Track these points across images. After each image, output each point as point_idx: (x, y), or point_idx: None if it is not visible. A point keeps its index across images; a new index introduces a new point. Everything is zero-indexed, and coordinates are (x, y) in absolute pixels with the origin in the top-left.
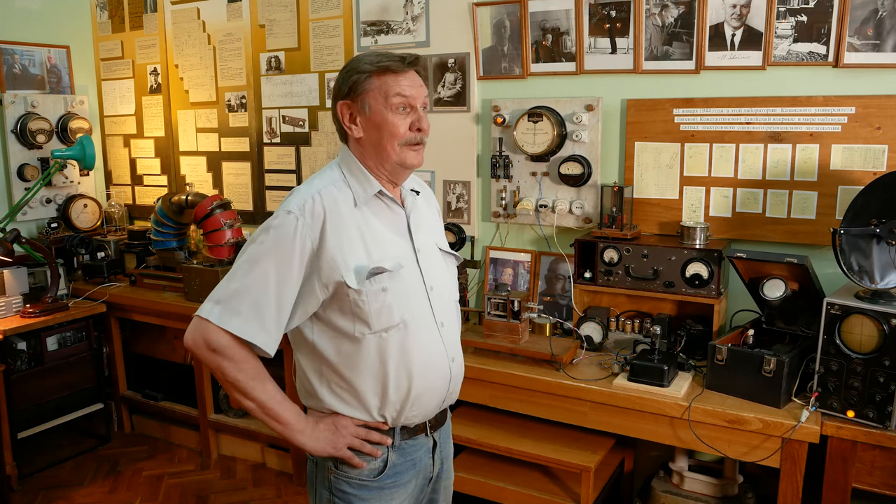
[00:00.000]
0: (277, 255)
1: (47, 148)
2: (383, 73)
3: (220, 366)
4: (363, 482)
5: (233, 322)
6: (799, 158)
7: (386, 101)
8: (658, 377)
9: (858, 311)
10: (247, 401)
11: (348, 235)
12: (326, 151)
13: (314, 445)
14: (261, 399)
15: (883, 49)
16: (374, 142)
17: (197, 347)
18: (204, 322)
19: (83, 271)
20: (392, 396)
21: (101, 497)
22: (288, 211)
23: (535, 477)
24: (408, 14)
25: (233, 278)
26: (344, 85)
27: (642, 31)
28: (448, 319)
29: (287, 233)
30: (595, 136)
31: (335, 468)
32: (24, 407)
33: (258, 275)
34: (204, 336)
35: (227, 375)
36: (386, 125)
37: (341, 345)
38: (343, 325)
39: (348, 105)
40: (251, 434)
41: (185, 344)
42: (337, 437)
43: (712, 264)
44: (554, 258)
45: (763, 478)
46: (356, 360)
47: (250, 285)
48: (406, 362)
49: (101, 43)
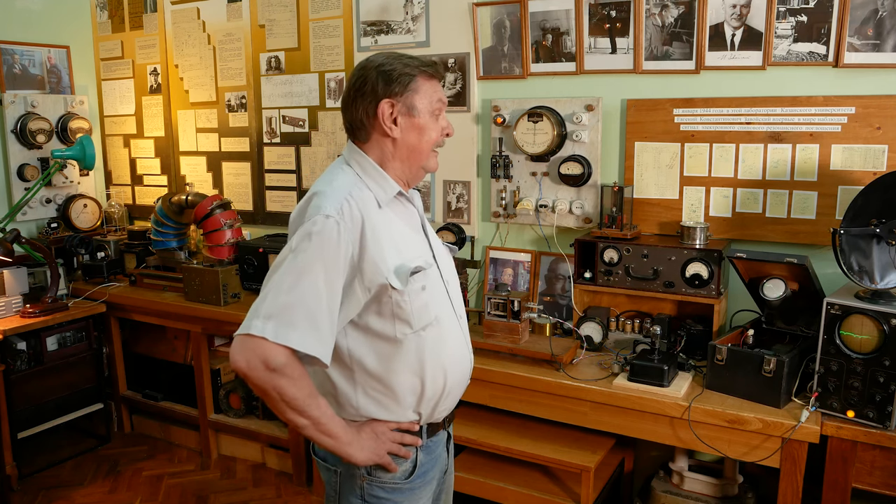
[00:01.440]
0: (324, 262)
1: (47, 148)
2: (429, 77)
3: (278, 385)
4: (396, 485)
5: (291, 336)
6: (799, 158)
7: (430, 104)
8: (658, 377)
9: (858, 311)
10: (301, 419)
11: (383, 237)
12: (326, 151)
13: (360, 456)
14: (315, 416)
15: (883, 49)
16: (411, 144)
17: (252, 369)
18: (258, 340)
19: (83, 271)
20: (429, 393)
21: (101, 497)
22: (327, 215)
23: (535, 477)
24: (408, 14)
25: (279, 291)
26: (392, 83)
27: (642, 31)
28: (462, 312)
29: (330, 238)
30: (595, 136)
31: (368, 475)
32: (24, 407)
33: (308, 284)
34: (262, 356)
35: (284, 394)
36: (428, 129)
37: (380, 348)
38: (381, 327)
39: (391, 104)
40: (251, 434)
41: (236, 367)
42: (379, 444)
43: (712, 264)
44: (554, 258)
45: (763, 478)
46: (395, 362)
47: (301, 296)
48: (441, 358)
49: (101, 43)
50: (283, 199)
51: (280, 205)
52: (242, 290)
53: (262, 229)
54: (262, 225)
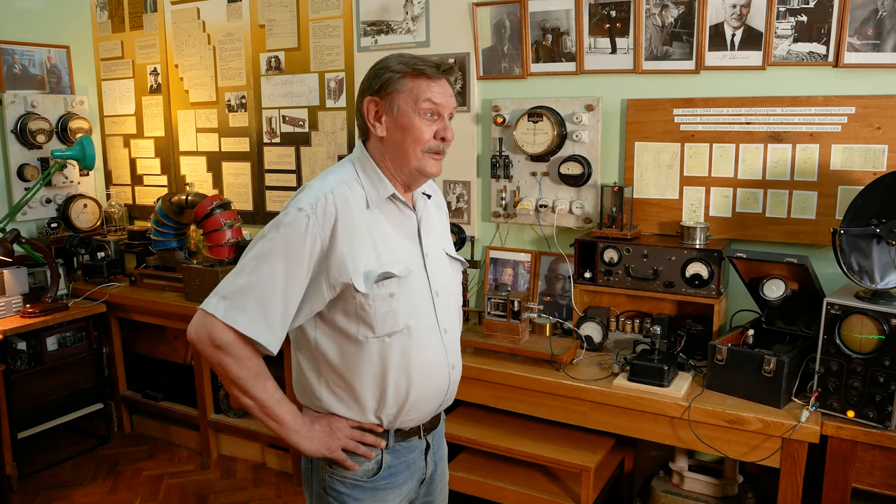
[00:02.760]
0: (287, 253)
1: (47, 148)
2: (417, 76)
3: (223, 362)
4: (357, 482)
5: (238, 319)
6: (799, 158)
7: (415, 104)
8: (658, 377)
9: (858, 311)
10: (246, 398)
11: (359, 237)
12: (326, 151)
13: (309, 446)
14: (260, 398)
15: (883, 49)
16: (396, 143)
17: (200, 342)
18: (209, 317)
19: (83, 271)
20: (390, 400)
21: (101, 497)
22: (299, 208)
23: (535, 477)
24: (408, 14)
25: (240, 274)
26: (374, 81)
27: (642, 31)
28: (451, 326)
29: (298, 231)
30: (595, 136)
31: (329, 467)
32: (24, 407)
33: (266, 272)
34: (208, 332)
35: (228, 372)
36: (412, 128)
37: (343, 346)
38: (346, 326)
39: (375, 102)
40: (251, 434)
41: (189, 337)
42: (332, 438)
43: (712, 264)
44: (554, 258)
45: (763, 478)
46: (357, 362)
47: (258, 282)
48: (406, 368)
49: (101, 43)
50: (283, 199)
51: (280, 205)
52: None
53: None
54: (262, 225)
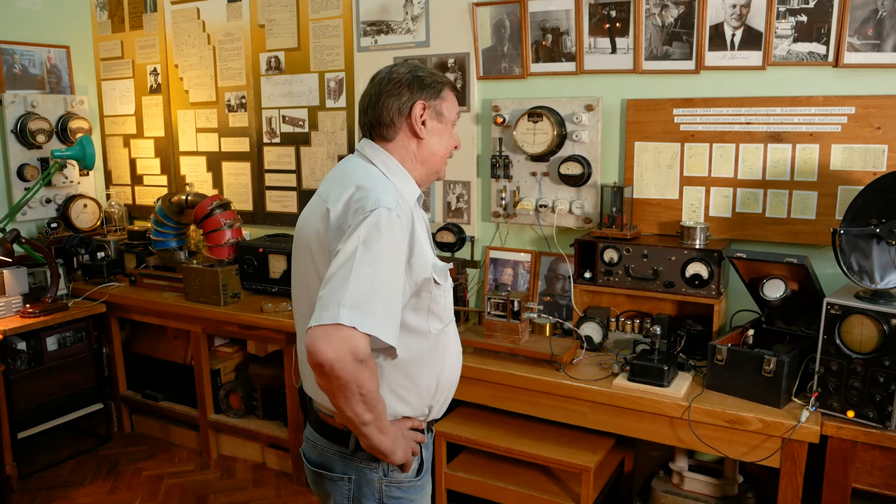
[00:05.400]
0: (394, 253)
1: (47, 148)
2: (453, 89)
3: (360, 377)
4: (412, 483)
5: (374, 326)
6: (799, 158)
7: (453, 115)
8: (658, 377)
9: (858, 311)
10: (368, 413)
11: (422, 233)
12: (326, 151)
13: (399, 455)
14: (379, 409)
15: (883, 49)
16: (433, 147)
17: (340, 360)
18: (347, 330)
19: (83, 271)
20: (442, 385)
21: (101, 497)
22: (389, 209)
23: (535, 477)
24: (408, 14)
25: (359, 281)
26: (426, 88)
27: (642, 31)
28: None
29: (395, 231)
30: (595, 136)
31: (385, 477)
32: (24, 407)
33: (384, 274)
34: (352, 346)
35: (363, 387)
36: (449, 136)
37: (410, 342)
38: (416, 322)
39: (424, 105)
40: (251, 434)
41: (325, 358)
42: (408, 441)
43: (712, 264)
44: (554, 258)
45: (763, 478)
46: (423, 357)
47: (381, 286)
48: (453, 354)
49: (101, 43)
50: (283, 199)
51: (280, 205)
52: (242, 290)
53: (261, 229)
54: (262, 225)
